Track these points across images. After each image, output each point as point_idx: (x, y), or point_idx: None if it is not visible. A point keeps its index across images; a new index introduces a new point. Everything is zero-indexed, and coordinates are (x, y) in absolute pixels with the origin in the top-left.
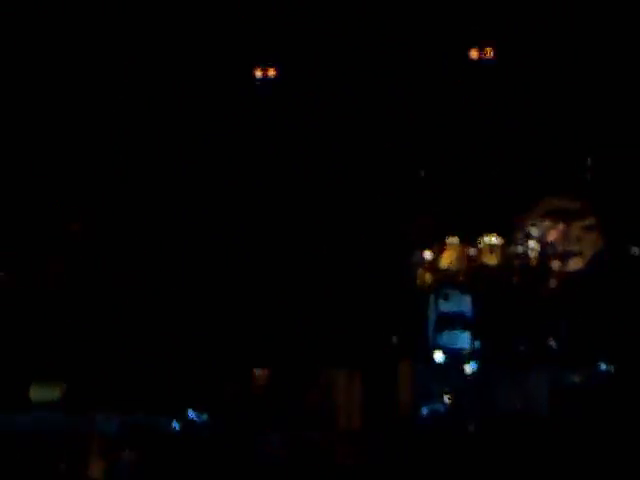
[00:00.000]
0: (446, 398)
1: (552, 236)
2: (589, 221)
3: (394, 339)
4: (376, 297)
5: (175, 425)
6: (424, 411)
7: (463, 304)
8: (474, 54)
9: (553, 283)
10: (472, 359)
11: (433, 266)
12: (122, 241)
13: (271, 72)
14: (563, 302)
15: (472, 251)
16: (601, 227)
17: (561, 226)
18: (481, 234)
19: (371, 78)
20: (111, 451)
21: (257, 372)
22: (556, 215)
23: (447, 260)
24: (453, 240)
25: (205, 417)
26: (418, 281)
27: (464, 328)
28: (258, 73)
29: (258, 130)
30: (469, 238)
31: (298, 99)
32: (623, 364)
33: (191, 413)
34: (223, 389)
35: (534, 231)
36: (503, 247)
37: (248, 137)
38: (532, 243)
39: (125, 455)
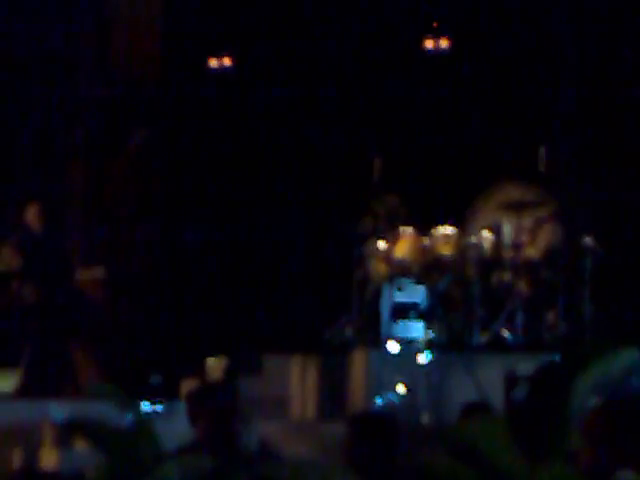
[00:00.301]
0: (400, 388)
1: (506, 227)
2: (543, 212)
3: (348, 329)
4: (330, 287)
5: (129, 416)
6: (378, 401)
7: (417, 294)
8: (428, 44)
9: (507, 273)
10: (426, 349)
11: (387, 256)
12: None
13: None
14: (517, 292)
15: (426, 241)
16: (555, 218)
17: (515, 217)
18: (436, 225)
19: (323, 67)
20: (64, 440)
21: (210, 361)
22: (510, 206)
23: (401, 250)
24: (407, 230)
25: (160, 408)
26: (372, 271)
27: (418, 318)
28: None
29: (212, 116)
30: (423, 228)
31: (251, 88)
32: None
33: (145, 404)
34: (177, 379)
35: (489, 222)
36: (458, 238)
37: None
38: (486, 234)
39: (78, 445)
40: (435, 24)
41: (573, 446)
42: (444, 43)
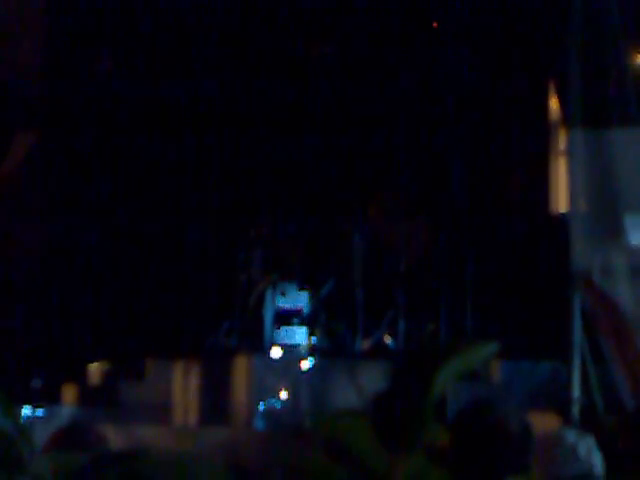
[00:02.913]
0: (283, 394)
1: (383, 233)
2: (417, 220)
3: (231, 335)
4: (212, 292)
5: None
6: (261, 407)
7: (300, 300)
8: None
9: (386, 280)
10: (309, 355)
11: (270, 262)
12: None
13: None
14: (396, 298)
15: (309, 246)
16: (429, 225)
17: (391, 223)
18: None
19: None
20: None
21: (92, 366)
22: (389, 212)
23: (284, 256)
24: (289, 236)
25: (40, 412)
26: (255, 277)
27: (301, 324)
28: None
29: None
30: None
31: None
32: None
33: (26, 408)
34: (59, 384)
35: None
36: (338, 242)
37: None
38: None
39: None
40: None
41: (437, 439)
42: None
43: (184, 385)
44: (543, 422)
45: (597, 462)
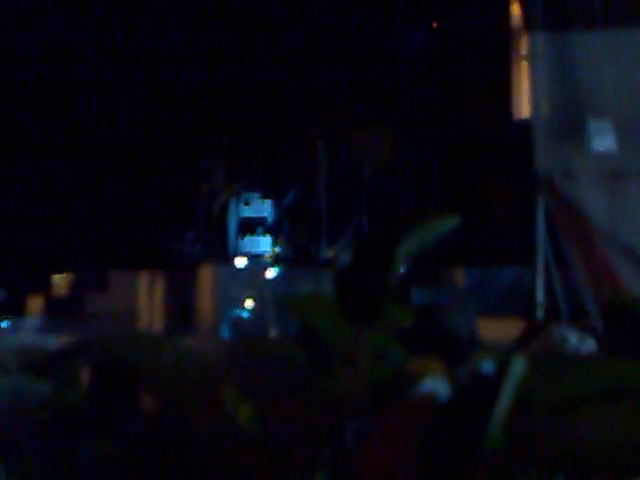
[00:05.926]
0: (248, 303)
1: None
2: (381, 127)
3: (195, 244)
4: (176, 202)
5: None
6: (227, 317)
7: (264, 209)
8: None
9: (350, 188)
10: (274, 264)
11: (233, 171)
12: None
13: None
14: (360, 206)
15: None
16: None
17: (355, 131)
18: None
19: None
20: None
21: (56, 277)
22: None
23: (248, 165)
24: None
25: (5, 324)
26: (219, 186)
27: (265, 233)
28: None
29: None
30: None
31: None
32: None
33: None
34: (24, 295)
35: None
36: (301, 151)
37: None
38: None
39: None
40: None
41: (401, 321)
42: None
43: (149, 296)
44: (508, 327)
45: None
